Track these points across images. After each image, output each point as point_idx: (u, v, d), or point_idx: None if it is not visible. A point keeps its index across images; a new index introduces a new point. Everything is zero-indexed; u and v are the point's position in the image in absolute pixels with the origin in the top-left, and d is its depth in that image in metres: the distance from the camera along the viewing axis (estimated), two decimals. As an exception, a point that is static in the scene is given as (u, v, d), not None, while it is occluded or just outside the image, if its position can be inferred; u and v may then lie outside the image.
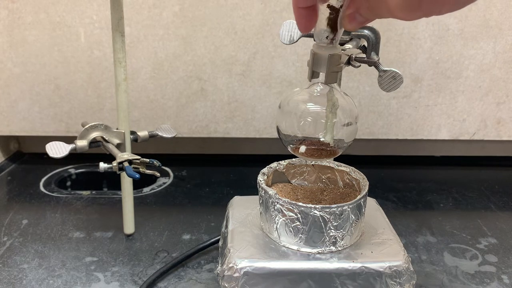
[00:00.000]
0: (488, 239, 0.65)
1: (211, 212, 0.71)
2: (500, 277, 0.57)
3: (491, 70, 0.80)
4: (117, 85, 0.57)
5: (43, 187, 0.79)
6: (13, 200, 0.75)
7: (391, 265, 0.43)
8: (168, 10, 0.76)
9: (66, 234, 0.65)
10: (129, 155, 0.54)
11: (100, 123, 0.59)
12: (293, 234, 0.44)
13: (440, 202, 0.76)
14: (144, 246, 0.63)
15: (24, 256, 0.60)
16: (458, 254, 0.62)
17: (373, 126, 0.84)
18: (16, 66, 0.78)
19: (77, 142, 0.57)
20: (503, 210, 0.74)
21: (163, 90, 0.80)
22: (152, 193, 0.78)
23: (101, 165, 0.54)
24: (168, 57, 0.78)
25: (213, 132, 0.83)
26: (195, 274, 0.57)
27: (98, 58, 0.78)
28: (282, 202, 0.44)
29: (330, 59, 0.41)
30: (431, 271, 0.58)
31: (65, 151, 0.55)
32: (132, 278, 0.56)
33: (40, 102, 0.81)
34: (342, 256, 0.44)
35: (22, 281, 0.55)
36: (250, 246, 0.45)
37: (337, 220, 0.43)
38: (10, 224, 0.67)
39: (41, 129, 0.83)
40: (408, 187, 0.81)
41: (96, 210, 0.72)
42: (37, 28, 0.76)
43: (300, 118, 0.43)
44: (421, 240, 0.65)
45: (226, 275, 0.43)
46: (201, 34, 0.77)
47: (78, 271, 0.57)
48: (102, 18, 0.75)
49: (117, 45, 0.56)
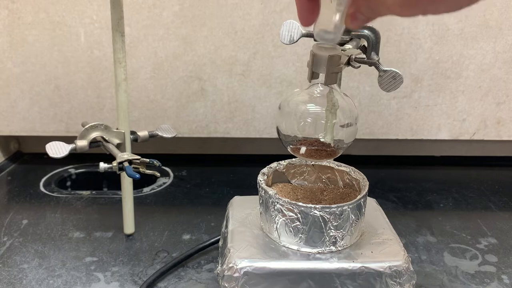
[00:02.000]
0: (488, 239, 0.65)
1: (211, 212, 0.71)
2: (500, 277, 0.57)
3: (491, 70, 0.80)
4: (117, 85, 0.57)
5: (43, 187, 0.79)
6: (13, 200, 0.75)
7: (391, 265, 0.43)
8: (168, 10, 0.76)
9: (66, 234, 0.65)
10: (129, 155, 0.54)
11: (100, 123, 0.59)
12: (293, 234, 0.44)
13: (440, 202, 0.76)
14: (144, 246, 0.63)
15: (24, 256, 0.60)
16: (458, 254, 0.62)
17: (373, 126, 0.84)
18: (16, 66, 0.78)
19: (77, 142, 0.57)
20: (503, 210, 0.74)
21: (163, 90, 0.80)
22: (152, 193, 0.78)
23: (101, 165, 0.54)
24: (168, 57, 0.78)
25: (213, 132, 0.83)
26: (195, 274, 0.57)
27: (98, 58, 0.78)
28: (282, 202, 0.44)
29: (330, 60, 0.41)
30: (431, 271, 0.58)
31: (65, 151, 0.55)
32: (132, 278, 0.56)
33: (40, 102, 0.81)
34: (342, 256, 0.44)
35: (22, 281, 0.55)
36: (250, 246, 0.45)
37: (337, 220, 0.43)
38: (10, 224, 0.67)
39: (41, 129, 0.83)
40: (408, 187, 0.81)
41: (96, 210, 0.72)
42: (37, 28, 0.76)
43: (300, 119, 0.43)
44: (421, 240, 0.65)
45: (226, 275, 0.43)
46: (201, 34, 0.77)
47: (78, 271, 0.57)
48: (102, 18, 0.75)
49: (117, 45, 0.56)
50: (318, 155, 0.45)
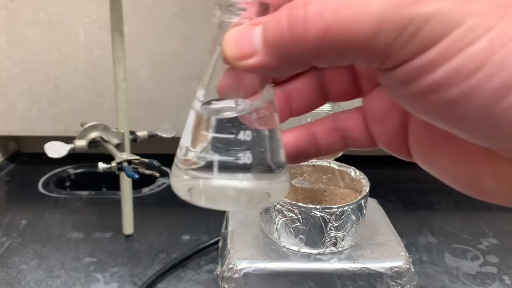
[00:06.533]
0: (489, 240, 0.65)
1: (211, 212, 0.70)
2: (501, 277, 0.57)
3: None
4: (117, 85, 0.57)
5: (42, 187, 0.79)
6: (12, 200, 0.75)
7: (392, 266, 0.43)
8: (167, 10, 0.75)
9: (65, 235, 0.65)
10: (128, 155, 0.53)
11: (99, 123, 0.58)
12: (293, 235, 0.44)
13: (441, 203, 0.76)
14: (143, 246, 0.62)
15: (23, 257, 0.59)
16: (459, 255, 0.61)
17: (373, 126, 0.83)
18: (15, 65, 0.78)
19: (76, 142, 0.57)
20: (504, 210, 0.74)
21: (163, 90, 0.80)
22: (152, 193, 0.78)
23: (100, 165, 0.54)
24: (168, 56, 0.78)
25: (213, 132, 0.83)
26: (194, 275, 0.57)
27: (98, 57, 0.77)
28: (282, 202, 0.43)
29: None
30: (432, 272, 0.58)
31: (64, 151, 0.55)
32: (131, 279, 0.56)
33: (39, 102, 0.80)
34: (342, 257, 0.44)
35: (21, 282, 0.55)
36: (250, 247, 0.45)
37: (337, 221, 0.43)
38: (9, 225, 0.67)
39: (40, 129, 0.82)
40: (409, 188, 0.81)
41: (95, 211, 0.71)
42: (36, 28, 0.76)
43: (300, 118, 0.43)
44: (422, 241, 0.64)
45: (226, 276, 0.43)
46: (201, 33, 0.77)
47: (77, 272, 0.57)
48: (101, 18, 0.75)
49: (116, 45, 0.56)
50: (318, 155, 0.45)
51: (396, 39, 0.16)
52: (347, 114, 0.24)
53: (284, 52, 0.18)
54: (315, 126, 0.26)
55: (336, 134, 0.25)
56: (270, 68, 0.19)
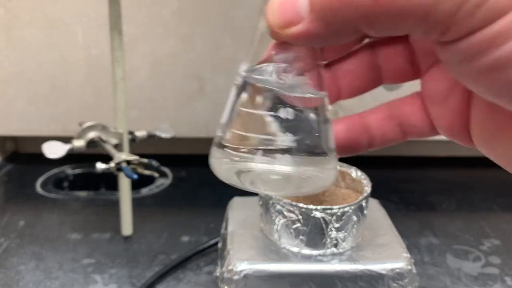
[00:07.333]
0: (492, 241, 0.64)
1: (211, 213, 0.70)
2: (504, 279, 0.56)
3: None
4: (115, 84, 0.57)
5: (40, 188, 0.79)
6: (9, 201, 0.74)
7: (393, 267, 0.42)
8: (167, 8, 0.75)
9: (63, 236, 0.64)
10: (127, 155, 0.53)
11: (98, 123, 0.58)
12: (293, 236, 0.43)
13: (443, 203, 0.75)
14: (142, 248, 0.62)
15: (21, 258, 0.59)
16: (461, 256, 0.61)
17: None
18: (12, 65, 0.78)
19: (74, 142, 0.57)
20: (507, 211, 0.73)
21: (162, 90, 0.79)
22: (151, 194, 0.78)
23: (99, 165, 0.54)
24: (167, 56, 0.78)
25: (213, 132, 0.82)
26: (194, 276, 0.56)
27: (96, 56, 0.77)
28: (283, 203, 0.43)
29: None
30: (434, 273, 0.57)
31: (62, 151, 0.55)
32: (130, 280, 0.55)
33: (37, 101, 0.80)
34: (343, 258, 0.43)
35: (19, 283, 0.54)
36: (250, 248, 0.44)
37: (338, 222, 0.43)
38: (7, 225, 0.66)
39: (38, 129, 0.82)
40: (410, 188, 0.80)
41: (94, 211, 0.71)
42: (34, 27, 0.76)
43: None
44: (423, 242, 0.64)
45: (225, 278, 0.42)
46: (201, 33, 0.76)
47: (76, 273, 0.56)
48: (99, 16, 0.75)
49: (115, 44, 0.55)
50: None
51: (462, 6, 0.14)
52: (404, 100, 0.23)
53: (333, 17, 0.16)
54: (369, 114, 0.24)
55: (392, 122, 0.23)
56: (316, 36, 0.17)
